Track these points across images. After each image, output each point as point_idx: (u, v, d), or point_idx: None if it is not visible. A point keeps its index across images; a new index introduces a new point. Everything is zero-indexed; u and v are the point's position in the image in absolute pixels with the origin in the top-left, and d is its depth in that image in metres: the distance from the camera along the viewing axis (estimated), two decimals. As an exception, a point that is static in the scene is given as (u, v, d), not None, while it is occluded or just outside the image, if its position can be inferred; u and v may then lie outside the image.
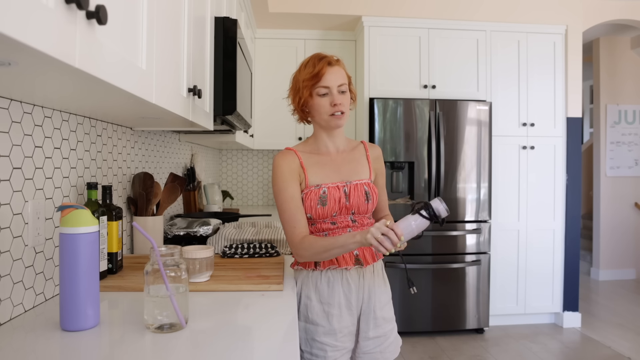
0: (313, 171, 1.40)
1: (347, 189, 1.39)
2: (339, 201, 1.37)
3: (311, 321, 1.37)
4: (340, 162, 1.44)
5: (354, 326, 1.40)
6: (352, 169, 1.44)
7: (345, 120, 1.41)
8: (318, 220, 1.39)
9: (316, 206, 1.36)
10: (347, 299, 1.38)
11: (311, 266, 1.39)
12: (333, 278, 1.38)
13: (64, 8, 0.61)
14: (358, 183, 1.41)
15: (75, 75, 0.73)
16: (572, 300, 3.68)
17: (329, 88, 1.37)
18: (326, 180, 1.40)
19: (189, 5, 1.39)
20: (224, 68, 1.75)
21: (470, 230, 3.45)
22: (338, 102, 1.37)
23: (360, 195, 1.39)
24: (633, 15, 3.77)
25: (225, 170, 4.22)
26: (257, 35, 3.81)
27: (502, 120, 3.60)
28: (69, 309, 0.96)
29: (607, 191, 5.04)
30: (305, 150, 1.45)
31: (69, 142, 1.31)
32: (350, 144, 1.51)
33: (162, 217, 1.86)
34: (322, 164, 1.42)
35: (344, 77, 1.40)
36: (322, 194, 1.37)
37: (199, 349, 0.90)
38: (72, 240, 0.96)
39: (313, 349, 1.36)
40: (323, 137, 1.45)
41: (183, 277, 1.01)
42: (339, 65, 1.41)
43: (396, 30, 3.51)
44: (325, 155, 1.45)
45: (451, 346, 3.28)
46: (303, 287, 1.40)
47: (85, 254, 0.97)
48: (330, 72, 1.38)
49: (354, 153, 1.48)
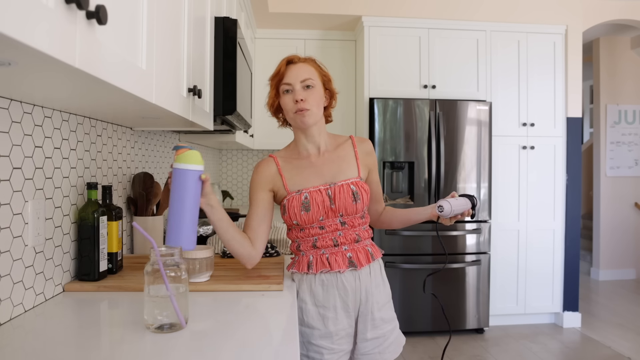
0: (291, 176, 1.37)
1: (330, 192, 1.34)
2: (323, 205, 1.33)
3: (307, 324, 1.35)
4: (322, 164, 1.39)
5: (351, 328, 1.38)
6: (337, 168, 1.39)
7: (312, 118, 1.34)
8: (305, 226, 1.35)
9: (300, 212, 1.32)
10: (343, 301, 1.35)
11: (304, 269, 1.36)
12: (328, 281, 1.35)
13: (64, 8, 0.61)
14: (343, 183, 1.36)
15: (75, 75, 0.72)
16: (572, 300, 3.68)
17: (291, 85, 1.34)
18: (306, 185, 1.36)
19: (189, 5, 1.39)
20: (224, 68, 1.75)
21: (470, 230, 3.45)
22: (299, 98, 1.32)
23: (347, 197, 1.34)
24: (633, 15, 3.77)
25: (225, 170, 4.22)
26: (257, 35, 3.81)
27: (502, 120, 3.60)
28: (175, 229, 1.17)
29: (607, 191, 5.03)
30: (285, 156, 1.42)
31: (69, 142, 1.31)
32: (335, 141, 1.45)
33: (162, 217, 1.86)
34: (301, 168, 1.39)
35: (309, 72, 1.35)
36: (304, 199, 1.33)
37: (199, 349, 0.90)
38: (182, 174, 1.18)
39: (309, 352, 1.34)
40: (301, 139, 1.41)
41: (183, 277, 1.01)
42: (305, 62, 1.37)
43: (396, 30, 3.51)
44: (305, 158, 1.40)
45: (451, 346, 3.28)
46: (299, 290, 1.37)
47: (192, 188, 1.19)
48: (292, 69, 1.35)
49: (339, 151, 1.42)
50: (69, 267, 1.32)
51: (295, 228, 1.38)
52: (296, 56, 1.38)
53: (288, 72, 1.35)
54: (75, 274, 1.35)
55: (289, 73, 1.34)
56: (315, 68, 1.38)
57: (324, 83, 1.39)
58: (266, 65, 3.83)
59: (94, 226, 1.32)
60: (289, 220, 1.36)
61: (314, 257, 1.36)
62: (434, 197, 3.40)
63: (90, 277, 1.32)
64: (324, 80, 1.39)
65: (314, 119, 1.35)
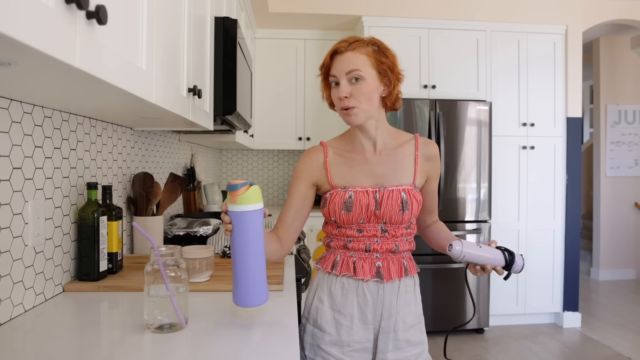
0: (339, 171, 1.25)
1: (378, 195, 1.21)
2: (366, 208, 1.20)
3: (319, 326, 1.25)
4: (376, 163, 1.25)
5: (369, 342, 1.24)
6: (391, 171, 1.25)
7: (359, 116, 1.20)
8: (343, 225, 1.23)
9: (340, 211, 1.21)
10: (361, 311, 1.23)
11: (328, 268, 1.26)
12: (348, 285, 1.23)
13: (64, 8, 0.61)
14: (394, 189, 1.22)
15: (75, 75, 0.72)
16: (572, 300, 3.68)
17: (336, 77, 1.20)
18: (354, 183, 1.23)
19: (189, 5, 1.39)
20: (224, 68, 1.75)
21: (470, 230, 3.45)
22: (342, 95, 1.18)
23: (394, 204, 1.20)
24: (633, 15, 3.77)
25: (225, 170, 4.22)
26: (257, 35, 3.81)
27: (502, 120, 3.60)
28: (250, 283, 1.03)
29: (607, 191, 5.04)
30: (338, 147, 1.28)
31: (69, 142, 1.31)
32: (398, 139, 1.29)
33: (162, 217, 1.86)
34: (352, 163, 1.25)
35: (357, 62, 1.17)
36: (348, 198, 1.21)
37: (199, 349, 0.90)
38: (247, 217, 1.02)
39: (317, 357, 1.24)
40: (356, 132, 1.27)
41: (183, 277, 1.01)
42: (354, 50, 1.18)
43: (396, 30, 3.51)
44: (359, 153, 1.26)
45: (451, 346, 3.28)
46: (318, 289, 1.28)
47: (259, 228, 1.04)
48: (338, 60, 1.20)
49: (399, 152, 1.27)
50: (69, 267, 1.32)
51: (333, 224, 1.27)
52: (346, 43, 1.20)
53: (334, 63, 1.21)
54: (75, 274, 1.35)
55: (334, 65, 1.20)
56: (368, 55, 1.19)
57: (380, 71, 1.20)
58: (266, 65, 3.84)
59: (94, 226, 1.32)
60: (328, 215, 1.25)
61: (342, 257, 1.25)
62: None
63: (90, 277, 1.32)
64: (380, 69, 1.20)
65: (362, 117, 1.21)
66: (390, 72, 1.21)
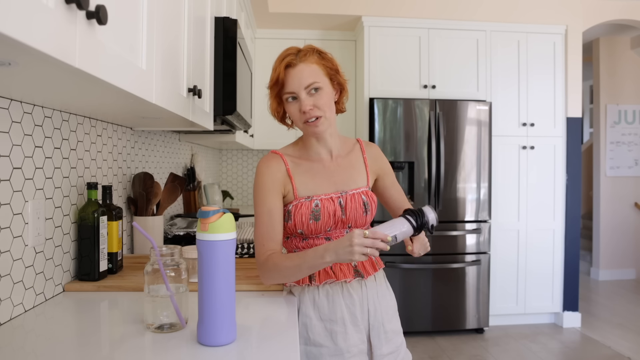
0: (302, 181, 1.23)
1: (342, 201, 1.23)
2: (334, 215, 1.21)
3: (313, 343, 1.20)
4: (334, 170, 1.27)
5: (364, 344, 1.24)
6: (348, 176, 1.27)
7: (325, 124, 1.20)
8: (310, 235, 1.23)
9: (308, 221, 1.20)
10: (351, 313, 1.22)
11: (305, 281, 1.22)
12: (333, 291, 1.23)
13: (64, 8, 0.61)
14: (355, 193, 1.25)
15: (75, 75, 0.73)
16: (572, 300, 3.68)
17: (295, 93, 1.18)
18: (318, 192, 1.23)
19: (189, 5, 1.39)
20: (224, 68, 1.75)
21: (470, 230, 3.45)
22: (306, 108, 1.17)
23: (358, 207, 1.24)
24: (633, 15, 3.77)
25: (225, 170, 4.22)
26: (257, 35, 3.81)
27: (502, 120, 3.60)
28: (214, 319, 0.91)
29: (607, 191, 5.04)
30: (294, 155, 1.27)
31: (69, 142, 1.31)
32: (345, 146, 1.33)
33: (162, 217, 1.86)
34: (314, 172, 1.25)
35: (313, 74, 1.18)
36: (315, 207, 1.20)
37: (199, 349, 0.90)
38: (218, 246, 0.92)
39: None
40: (312, 142, 1.27)
41: (183, 277, 1.01)
42: (306, 62, 1.19)
43: (396, 30, 3.51)
44: (316, 161, 1.27)
45: (451, 346, 3.28)
46: (300, 306, 1.23)
47: (231, 257, 0.94)
48: (293, 73, 1.18)
49: (351, 157, 1.31)
50: (69, 267, 1.32)
51: (297, 237, 1.25)
52: (293, 55, 1.20)
53: (288, 78, 1.18)
54: (75, 273, 1.35)
55: (290, 80, 1.18)
56: (319, 64, 1.20)
57: (331, 77, 1.23)
58: (266, 65, 3.83)
59: (94, 226, 1.32)
60: (293, 228, 1.23)
61: None
62: (434, 197, 3.40)
63: (90, 277, 1.32)
64: (331, 75, 1.22)
65: (327, 125, 1.21)
66: (337, 75, 1.24)
